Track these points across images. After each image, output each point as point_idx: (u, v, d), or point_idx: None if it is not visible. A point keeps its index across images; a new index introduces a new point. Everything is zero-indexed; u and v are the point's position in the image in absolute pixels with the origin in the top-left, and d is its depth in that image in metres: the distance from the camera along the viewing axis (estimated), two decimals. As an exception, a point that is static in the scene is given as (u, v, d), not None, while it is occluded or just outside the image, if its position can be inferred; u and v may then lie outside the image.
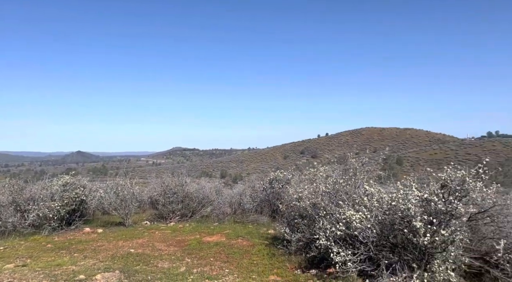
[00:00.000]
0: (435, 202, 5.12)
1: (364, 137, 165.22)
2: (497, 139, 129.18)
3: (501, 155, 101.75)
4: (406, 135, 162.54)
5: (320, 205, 6.81)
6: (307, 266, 6.10)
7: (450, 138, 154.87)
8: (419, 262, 5.13)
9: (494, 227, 5.99)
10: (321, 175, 7.81)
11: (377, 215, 5.63)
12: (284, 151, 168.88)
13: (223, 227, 9.80)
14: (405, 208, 5.14)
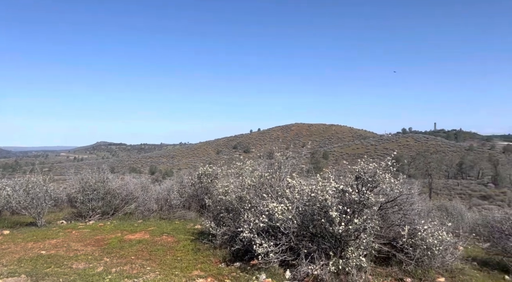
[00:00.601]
0: (350, 192, 5.47)
1: (293, 133, 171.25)
2: (410, 135, 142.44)
3: (413, 150, 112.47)
4: (331, 131, 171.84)
5: (245, 198, 6.90)
6: (231, 259, 6.15)
7: (371, 134, 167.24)
8: (335, 250, 5.46)
9: (401, 215, 6.57)
10: (247, 169, 7.91)
11: (298, 207, 5.86)
12: (217, 146, 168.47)
13: (148, 224, 9.48)
14: (323, 199, 5.42)
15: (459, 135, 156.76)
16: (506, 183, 65.05)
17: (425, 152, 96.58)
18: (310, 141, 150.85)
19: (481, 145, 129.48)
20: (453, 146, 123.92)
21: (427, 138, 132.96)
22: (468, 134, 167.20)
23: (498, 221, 7.29)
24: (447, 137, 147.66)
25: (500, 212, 9.28)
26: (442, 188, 69.47)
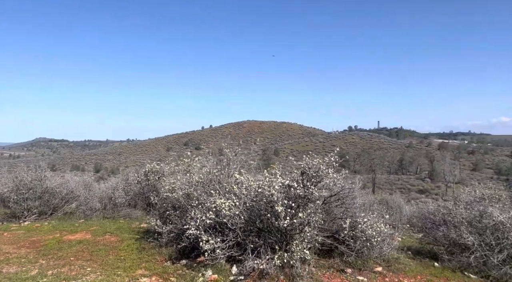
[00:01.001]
0: (295, 187, 5.60)
1: (246, 130, 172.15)
2: (355, 133, 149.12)
3: (358, 147, 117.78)
4: (282, 129, 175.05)
5: (193, 195, 6.82)
6: (177, 257, 6.05)
7: (319, 132, 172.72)
8: (280, 244, 5.56)
9: (344, 208, 6.85)
10: (195, 166, 7.82)
11: (246, 202, 5.89)
12: (167, 143, 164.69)
13: (90, 223, 9.04)
14: (269, 194, 5.49)
15: (400, 134, 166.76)
16: (441, 178, 70.31)
17: (369, 148, 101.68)
18: (261, 138, 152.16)
19: (420, 142, 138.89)
20: (395, 143, 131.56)
21: (371, 136, 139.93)
22: (408, 132, 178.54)
23: (431, 213, 7.85)
24: (389, 135, 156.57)
25: (434, 204, 10.02)
26: (384, 182, 73.58)
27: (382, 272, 5.55)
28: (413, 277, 5.41)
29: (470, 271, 5.68)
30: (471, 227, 6.22)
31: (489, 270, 5.50)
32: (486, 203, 6.66)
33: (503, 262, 5.46)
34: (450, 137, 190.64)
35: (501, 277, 5.34)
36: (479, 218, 6.27)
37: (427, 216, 7.91)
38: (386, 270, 5.65)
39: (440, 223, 7.13)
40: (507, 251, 5.54)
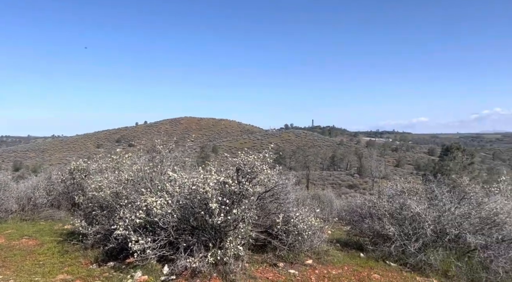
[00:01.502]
0: (230, 184, 5.58)
1: (183, 126, 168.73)
2: (291, 131, 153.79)
3: (294, 144, 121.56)
4: (221, 126, 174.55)
5: (122, 194, 6.49)
6: (104, 259, 5.72)
7: (257, 129, 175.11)
8: (214, 241, 5.51)
9: (277, 204, 6.98)
10: (125, 163, 7.44)
11: (179, 200, 5.74)
12: (97, 139, 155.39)
13: (5, 226, 8.19)
14: (203, 191, 5.40)
15: (332, 132, 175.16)
16: (368, 173, 75.27)
17: (304, 146, 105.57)
18: (199, 135, 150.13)
19: (350, 140, 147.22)
20: (327, 141, 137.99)
21: (306, 134, 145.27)
22: (340, 130, 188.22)
23: (358, 206, 8.32)
24: (322, 133, 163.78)
25: (361, 198, 10.66)
26: (317, 178, 76.90)
27: (312, 264, 5.76)
28: (341, 268, 5.69)
29: (391, 260, 6.12)
30: (393, 219, 6.70)
31: (407, 258, 5.96)
32: (405, 196, 7.21)
33: (419, 250, 5.96)
34: (377, 136, 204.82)
35: (417, 264, 5.82)
36: (399, 210, 6.77)
37: (355, 209, 8.37)
38: (316, 262, 5.86)
39: (366, 216, 7.58)
40: (422, 240, 6.05)
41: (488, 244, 5.74)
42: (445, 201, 6.54)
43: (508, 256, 5.62)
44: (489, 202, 6.47)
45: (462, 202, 6.61)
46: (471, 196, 6.86)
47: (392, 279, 5.31)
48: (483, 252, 5.75)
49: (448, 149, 35.74)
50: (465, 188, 7.23)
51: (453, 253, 5.93)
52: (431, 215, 6.22)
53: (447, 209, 6.30)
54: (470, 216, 6.16)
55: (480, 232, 5.95)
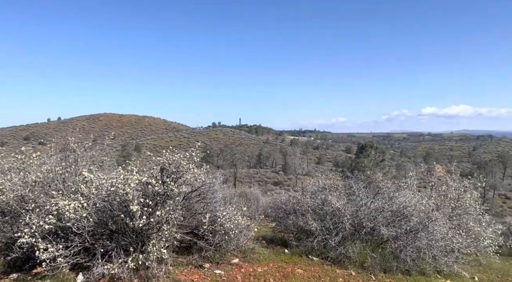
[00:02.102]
0: (153, 184, 5.31)
1: (102, 123, 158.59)
2: (219, 129, 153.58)
3: (222, 142, 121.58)
4: (145, 123, 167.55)
5: (29, 198, 5.80)
6: (6, 271, 5.07)
7: (183, 127, 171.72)
8: (136, 245, 5.19)
9: (204, 203, 6.84)
10: (32, 162, 6.67)
11: (96, 203, 5.30)
12: (0, 137, 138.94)
13: None
14: (124, 192, 5.06)
15: (258, 130, 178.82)
16: (292, 171, 78.20)
17: (232, 144, 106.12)
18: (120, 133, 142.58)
19: (275, 139, 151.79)
20: (254, 139, 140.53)
21: (233, 132, 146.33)
22: (266, 129, 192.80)
23: (283, 203, 8.53)
24: (249, 131, 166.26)
25: (285, 195, 10.95)
26: (244, 176, 77.83)
27: (238, 263, 5.74)
28: (266, 265, 5.75)
29: (314, 254, 6.36)
30: (315, 214, 6.98)
31: (328, 252, 6.25)
32: (327, 192, 7.56)
33: (339, 243, 6.29)
34: (300, 135, 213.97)
35: (337, 257, 6.13)
36: (321, 206, 7.08)
37: (280, 206, 8.56)
38: (242, 261, 5.85)
39: (290, 212, 7.79)
40: (342, 234, 6.40)
41: (398, 235, 6.26)
42: (362, 196, 6.99)
43: (414, 245, 6.19)
44: (399, 196, 7.07)
45: (376, 197, 7.13)
46: (384, 191, 7.43)
47: (314, 273, 5.52)
48: (394, 242, 6.26)
49: (363, 147, 38.65)
50: (379, 184, 7.81)
51: (369, 245, 6.36)
52: (349, 210, 6.60)
53: (364, 203, 6.74)
54: (383, 210, 6.67)
55: (391, 224, 6.46)
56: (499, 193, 67.94)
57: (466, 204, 8.18)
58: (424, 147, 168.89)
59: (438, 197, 8.40)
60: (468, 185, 8.48)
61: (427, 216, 6.53)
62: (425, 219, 6.43)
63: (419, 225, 6.38)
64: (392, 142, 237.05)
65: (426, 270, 6.08)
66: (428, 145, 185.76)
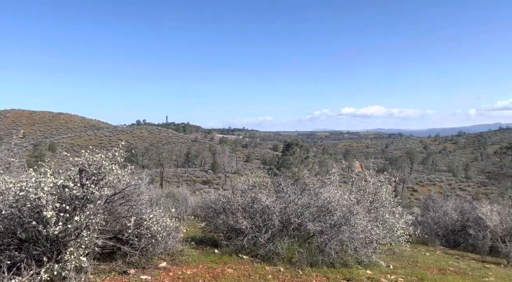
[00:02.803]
0: (71, 188, 4.86)
1: (9, 120, 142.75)
2: (144, 127, 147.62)
3: (147, 141, 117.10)
4: (60, 120, 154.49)
5: None
6: None
7: (105, 125, 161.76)
8: (50, 255, 4.71)
9: (129, 206, 6.46)
10: None
11: (1, 209, 4.70)
12: None
13: None
14: (35, 197, 4.55)
15: (186, 128, 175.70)
16: (221, 169, 78.19)
17: (158, 143, 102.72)
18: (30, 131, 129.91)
19: (204, 137, 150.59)
20: (182, 137, 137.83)
21: (160, 130, 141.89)
22: (194, 127, 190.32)
23: (213, 202, 8.43)
24: (177, 129, 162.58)
25: (215, 194, 10.87)
26: (172, 176, 75.87)
27: (166, 267, 5.52)
28: (196, 266, 5.62)
29: (244, 253, 6.38)
30: (245, 213, 7.00)
31: (258, 249, 6.31)
32: (257, 190, 7.63)
33: (268, 240, 6.38)
34: (229, 133, 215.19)
35: (266, 254, 6.22)
36: (251, 204, 7.13)
37: (210, 205, 8.45)
38: (170, 264, 5.65)
39: (220, 211, 7.72)
40: (271, 231, 6.51)
41: (323, 230, 6.55)
42: (290, 193, 7.19)
43: (338, 239, 6.52)
44: (324, 192, 7.41)
45: (303, 193, 7.38)
46: (310, 187, 7.73)
47: (244, 271, 5.52)
48: (320, 237, 6.54)
49: (289, 145, 40.05)
50: (306, 180, 8.10)
51: (296, 240, 6.56)
52: (278, 207, 6.74)
53: (292, 200, 6.93)
54: (310, 206, 6.92)
55: (317, 219, 6.74)
56: (407, 186, 75.32)
57: (382, 198, 8.88)
58: (344, 145, 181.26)
59: (358, 191, 9.00)
60: (384, 180, 9.22)
61: (349, 210, 6.93)
62: (347, 213, 6.82)
63: (342, 219, 6.74)
64: (315, 140, 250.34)
65: (349, 261, 6.44)
66: (347, 142, 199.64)
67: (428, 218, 13.84)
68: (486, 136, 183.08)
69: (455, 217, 13.03)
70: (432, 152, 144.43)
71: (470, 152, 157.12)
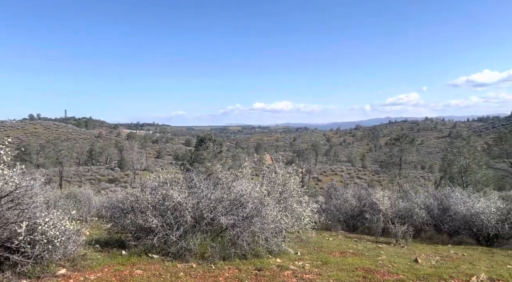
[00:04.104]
0: None
1: None
2: (38, 122, 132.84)
3: (43, 137, 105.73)
4: None
5: None
6: None
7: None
8: None
9: (19, 210, 5.72)
10: None
11: None
12: None
13: None
14: None
15: (89, 123, 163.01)
16: (130, 166, 74.29)
17: (56, 139, 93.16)
18: None
19: (109, 133, 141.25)
20: (84, 133, 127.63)
21: (58, 126, 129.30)
22: (98, 122, 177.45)
23: (120, 201, 7.92)
24: (78, 125, 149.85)
25: (123, 192, 10.24)
26: (73, 175, 69.74)
27: (66, 274, 5.02)
28: (100, 270, 5.21)
29: (154, 252, 6.12)
30: (156, 210, 6.72)
31: (169, 247, 6.11)
32: (168, 187, 7.37)
33: (180, 237, 6.22)
34: (138, 128, 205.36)
35: (178, 251, 6.05)
36: (162, 201, 6.86)
37: (116, 205, 7.93)
38: (71, 270, 5.15)
39: (128, 211, 7.29)
40: (183, 227, 6.35)
41: (236, 222, 6.61)
42: (203, 187, 7.10)
43: (250, 230, 6.65)
44: (236, 185, 7.48)
45: (216, 188, 7.35)
46: (223, 182, 7.73)
47: (154, 271, 5.30)
48: (232, 229, 6.59)
49: (202, 139, 39.67)
50: (218, 175, 8.08)
51: (209, 235, 6.51)
52: (191, 203, 6.61)
53: (205, 195, 6.86)
54: (223, 200, 6.92)
55: (230, 212, 6.77)
56: (313, 176, 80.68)
57: (291, 188, 9.32)
58: (256, 138, 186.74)
59: (269, 183, 9.31)
60: (292, 171, 9.68)
61: (260, 202, 7.11)
62: (259, 205, 6.99)
63: (254, 211, 6.88)
64: (228, 134, 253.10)
65: (260, 252, 6.61)
66: (259, 136, 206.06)
67: (331, 205, 14.97)
68: (379, 129, 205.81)
69: (354, 203, 14.30)
70: (334, 144, 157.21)
71: (366, 144, 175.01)
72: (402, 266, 6.41)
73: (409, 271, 5.94)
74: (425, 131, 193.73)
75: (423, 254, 8.26)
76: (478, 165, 30.80)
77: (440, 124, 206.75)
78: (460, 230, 11.94)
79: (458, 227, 11.89)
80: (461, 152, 31.05)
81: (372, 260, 6.92)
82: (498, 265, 7.15)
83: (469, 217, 11.31)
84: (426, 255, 8.11)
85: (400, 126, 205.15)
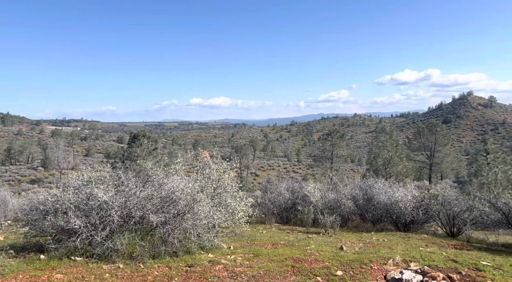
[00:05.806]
0: None
1: None
2: None
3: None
4: None
5: None
6: None
7: None
8: None
9: None
10: None
11: None
12: None
13: None
14: None
15: (6, 120, 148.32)
16: (55, 165, 68.94)
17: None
18: None
19: (31, 129, 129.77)
20: (1, 130, 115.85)
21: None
22: (17, 118, 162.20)
23: (41, 202, 7.32)
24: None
25: (44, 193, 9.46)
26: (-13, 177, 62.94)
27: (-28, 285, 4.53)
28: (14, 278, 4.78)
29: (77, 254, 5.75)
30: (79, 211, 6.32)
31: (94, 249, 5.79)
32: (92, 186, 6.97)
33: (106, 238, 5.92)
34: (64, 124, 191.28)
35: (104, 252, 5.76)
36: (86, 201, 6.47)
37: (37, 206, 7.32)
38: (-23, 281, 4.66)
39: (49, 212, 6.77)
40: (110, 227, 6.05)
41: (167, 220, 6.46)
42: (131, 185, 6.82)
43: (181, 227, 6.54)
44: (168, 182, 7.30)
45: (146, 185, 7.11)
46: (154, 179, 7.50)
47: (77, 274, 4.98)
48: (163, 227, 6.42)
49: (136, 136, 38.06)
50: (149, 172, 7.82)
51: (138, 234, 6.28)
52: (118, 201, 6.31)
53: (133, 193, 6.59)
54: (153, 197, 6.72)
55: (161, 210, 6.59)
56: (251, 171, 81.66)
57: (225, 184, 9.35)
58: (193, 135, 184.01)
59: (203, 179, 9.24)
60: (227, 167, 9.70)
61: (193, 198, 7.01)
62: (191, 201, 6.90)
63: (186, 207, 6.77)
64: (164, 130, 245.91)
65: (192, 248, 6.53)
66: (197, 132, 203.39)
67: (266, 199, 15.28)
68: (312, 125, 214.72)
69: (287, 196, 14.75)
70: (271, 140, 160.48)
71: (301, 139, 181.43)
72: (328, 254, 6.76)
73: (334, 258, 6.28)
74: (355, 127, 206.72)
75: (349, 241, 8.78)
76: (399, 158, 33.41)
77: (368, 120, 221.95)
78: (382, 218, 12.88)
79: (381, 215, 12.82)
80: (385, 145, 33.46)
81: (302, 250, 7.19)
82: (412, 248, 7.87)
83: (390, 205, 12.27)
84: (351, 242, 8.63)
85: (332, 122, 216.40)
